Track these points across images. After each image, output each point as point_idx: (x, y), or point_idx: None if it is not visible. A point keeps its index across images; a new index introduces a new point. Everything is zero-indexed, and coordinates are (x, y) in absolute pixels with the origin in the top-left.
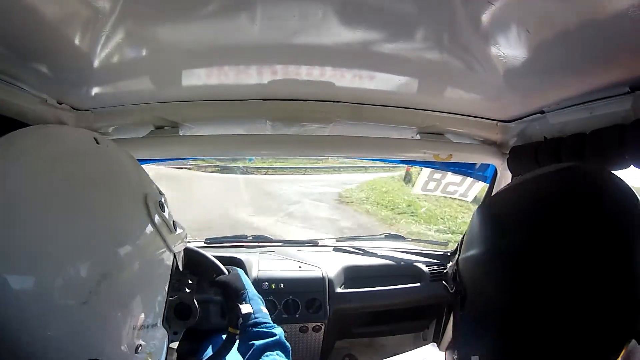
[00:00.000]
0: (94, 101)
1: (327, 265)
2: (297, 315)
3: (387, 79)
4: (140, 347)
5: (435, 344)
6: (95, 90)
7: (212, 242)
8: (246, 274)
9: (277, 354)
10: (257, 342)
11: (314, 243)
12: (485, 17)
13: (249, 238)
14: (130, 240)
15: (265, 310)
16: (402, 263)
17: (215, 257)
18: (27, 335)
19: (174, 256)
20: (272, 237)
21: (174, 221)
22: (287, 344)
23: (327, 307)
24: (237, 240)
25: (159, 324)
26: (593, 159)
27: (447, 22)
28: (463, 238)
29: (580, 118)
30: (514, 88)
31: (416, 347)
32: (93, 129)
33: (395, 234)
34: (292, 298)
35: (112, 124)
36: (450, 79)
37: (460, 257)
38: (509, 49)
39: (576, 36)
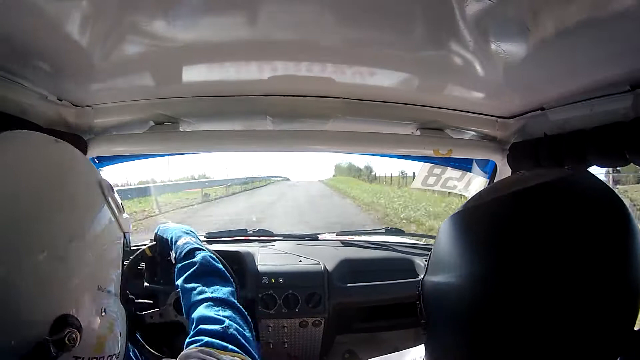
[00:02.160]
0: (94, 97)
1: (327, 259)
2: (297, 310)
3: (387, 75)
4: (104, 311)
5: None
6: (95, 86)
7: (212, 237)
8: (246, 268)
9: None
10: (178, 282)
11: (313, 237)
12: (485, 14)
13: (249, 232)
14: (91, 211)
15: (186, 240)
16: (402, 257)
17: (216, 251)
18: None
19: (124, 236)
20: (272, 232)
21: (122, 204)
22: (213, 264)
23: (327, 301)
24: (238, 235)
25: (117, 295)
26: (593, 156)
27: (447, 18)
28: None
29: (581, 115)
30: (514, 85)
31: (417, 342)
32: (93, 125)
33: (395, 229)
34: (291, 292)
35: (112, 120)
36: (451, 75)
37: (425, 279)
38: (509, 46)
39: (576, 33)
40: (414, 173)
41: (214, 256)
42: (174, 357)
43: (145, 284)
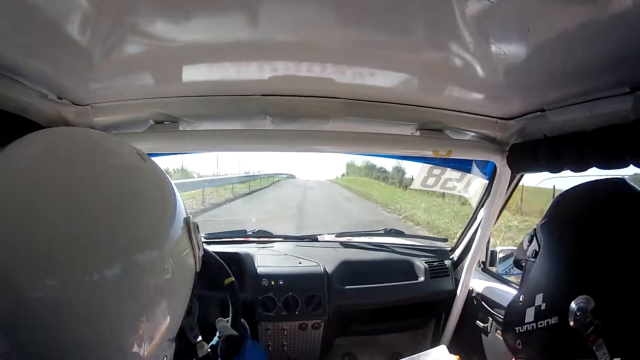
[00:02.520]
0: (94, 96)
1: (326, 261)
2: (297, 313)
3: (387, 76)
4: (165, 358)
5: (445, 345)
6: (95, 85)
7: (211, 237)
8: (245, 269)
9: None
10: None
11: (313, 239)
12: (486, 16)
13: (248, 233)
14: (176, 258)
15: None
16: (402, 259)
17: (215, 252)
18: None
19: (196, 274)
20: (271, 233)
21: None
22: None
23: (327, 304)
24: (237, 236)
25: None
26: (593, 158)
27: (448, 19)
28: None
29: (581, 117)
30: (514, 86)
31: (415, 345)
32: (93, 123)
33: (395, 230)
34: (291, 295)
35: (112, 118)
36: (451, 76)
37: (540, 224)
38: (510, 48)
39: (576, 35)
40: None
41: None
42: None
43: None
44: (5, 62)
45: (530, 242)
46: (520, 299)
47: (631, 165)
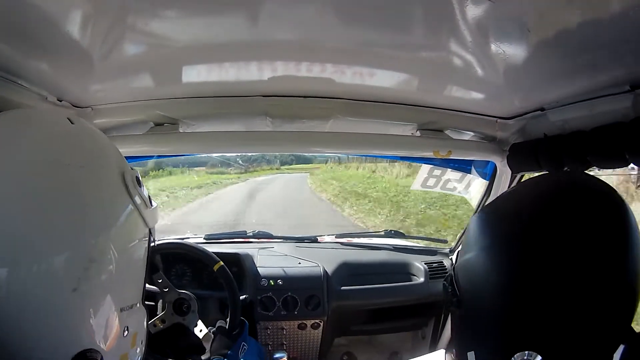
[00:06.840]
0: (94, 98)
1: (326, 262)
2: (296, 312)
3: (387, 76)
4: (126, 329)
5: (443, 350)
6: (95, 87)
7: (211, 238)
8: (245, 270)
9: None
10: None
11: (313, 239)
12: (486, 15)
13: (248, 234)
14: (113, 221)
15: None
16: (401, 260)
17: (215, 253)
18: (14, 332)
19: (150, 232)
20: (271, 234)
21: (149, 196)
22: None
23: (326, 304)
24: (237, 236)
25: (139, 304)
26: (593, 157)
27: (448, 19)
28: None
29: (581, 115)
30: (514, 85)
31: (415, 345)
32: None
33: (395, 231)
34: (290, 295)
35: (112, 120)
36: (451, 76)
37: (456, 264)
38: (509, 47)
39: (576, 34)
40: None
41: None
42: (176, 359)
43: None
44: (5, 64)
45: (451, 284)
46: (453, 353)
47: (631, 164)
